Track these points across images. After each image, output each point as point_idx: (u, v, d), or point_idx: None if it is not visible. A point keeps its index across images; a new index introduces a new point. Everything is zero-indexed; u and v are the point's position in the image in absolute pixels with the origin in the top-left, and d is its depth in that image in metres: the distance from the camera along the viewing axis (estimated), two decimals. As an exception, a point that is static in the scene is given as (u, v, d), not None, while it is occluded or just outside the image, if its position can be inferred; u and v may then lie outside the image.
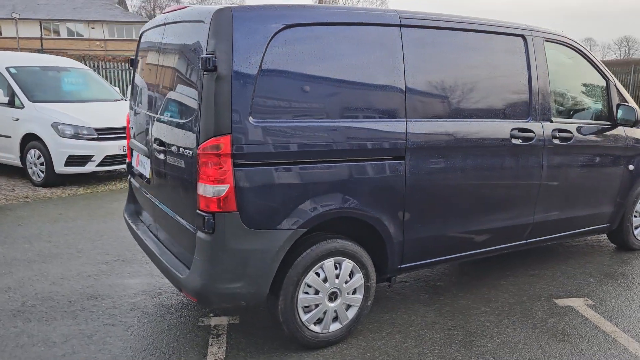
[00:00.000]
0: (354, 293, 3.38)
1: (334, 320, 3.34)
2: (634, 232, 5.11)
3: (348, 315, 3.39)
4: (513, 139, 3.83)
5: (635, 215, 5.06)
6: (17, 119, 7.76)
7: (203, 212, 2.86)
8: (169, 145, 3.25)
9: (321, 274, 3.22)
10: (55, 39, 45.74)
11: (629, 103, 4.59)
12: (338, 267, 3.27)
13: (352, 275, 3.34)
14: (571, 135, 4.19)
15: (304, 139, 2.99)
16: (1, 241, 5.32)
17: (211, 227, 2.84)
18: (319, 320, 3.28)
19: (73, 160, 7.46)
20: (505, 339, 3.52)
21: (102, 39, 47.72)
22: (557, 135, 4.09)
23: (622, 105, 4.51)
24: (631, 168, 4.75)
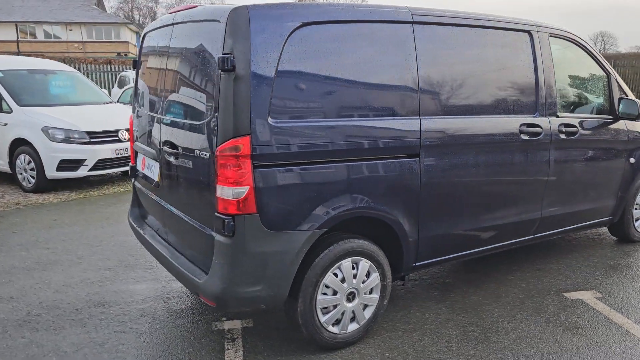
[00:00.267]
0: (370, 293, 3.35)
1: (352, 320, 3.32)
2: (635, 225, 5.18)
3: (365, 315, 3.36)
4: (522, 135, 3.84)
5: (636, 208, 5.12)
6: (6, 124, 7.58)
7: (222, 215, 2.81)
8: (181, 148, 3.19)
9: (339, 275, 3.19)
10: (32, 42, 44.93)
11: (630, 97, 4.64)
12: (355, 267, 3.24)
13: (369, 275, 3.32)
14: (576, 130, 4.22)
15: (322, 139, 2.95)
16: (-3, 249, 5.19)
17: (231, 230, 2.79)
18: (337, 321, 3.25)
19: (65, 164, 7.31)
20: (521, 334, 3.53)
21: (81, 41, 46.97)
22: (564, 130, 4.11)
23: (624, 99, 4.56)
24: (632, 161, 4.80)
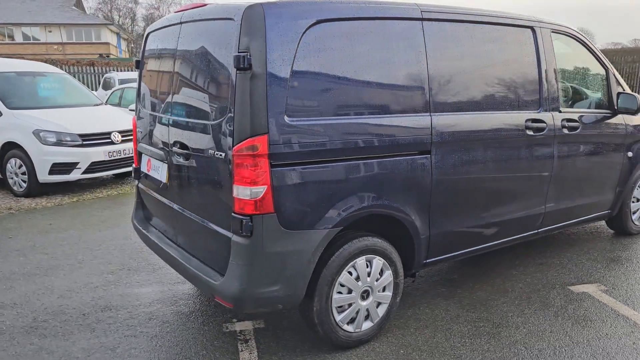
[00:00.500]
0: (383, 290, 3.36)
1: (366, 318, 3.32)
2: (632, 218, 5.26)
3: (379, 313, 3.37)
4: (527, 130, 3.87)
5: (633, 201, 5.20)
6: (-5, 127, 7.44)
7: (240, 215, 2.79)
8: (192, 148, 3.15)
9: (353, 273, 3.18)
10: (10, 44, 44.14)
11: (629, 91, 4.71)
12: (369, 265, 3.24)
13: (382, 272, 3.32)
14: (578, 125, 4.27)
15: (337, 137, 2.94)
16: (-6, 255, 5.09)
17: (249, 230, 2.77)
18: (351, 320, 3.25)
19: (57, 168, 7.19)
20: (531, 328, 3.56)
21: (60, 43, 46.26)
22: (566, 125, 4.16)
23: (623, 94, 4.63)
24: (630, 155, 4.88)
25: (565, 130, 4.15)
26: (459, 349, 3.31)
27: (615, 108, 4.66)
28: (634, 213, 5.27)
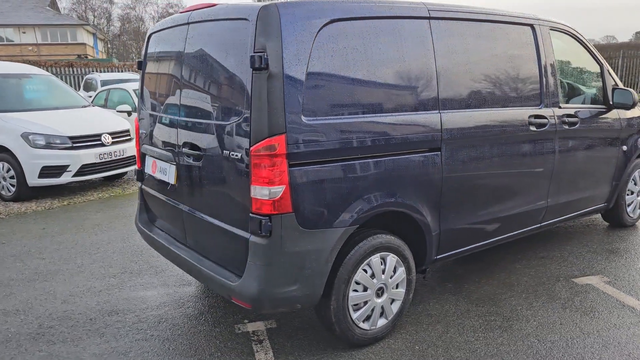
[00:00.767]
0: (397, 287, 3.37)
1: (380, 315, 3.33)
2: (627, 210, 5.36)
3: (393, 310, 3.38)
4: (530, 126, 3.92)
5: (628, 194, 5.31)
6: (-20, 131, 7.27)
7: (258, 215, 2.77)
8: (205, 149, 3.12)
9: (368, 271, 3.19)
10: (-17, 46, 43.23)
11: (623, 87, 4.80)
12: (383, 263, 3.25)
13: (396, 269, 3.33)
14: (577, 120, 4.34)
15: (353, 135, 2.94)
16: (-11, 262, 4.98)
17: (268, 230, 2.75)
18: (367, 318, 3.26)
19: (47, 171, 7.05)
20: (542, 320, 3.61)
21: (35, 44, 45.36)
22: (566, 121, 4.22)
23: (618, 89, 4.71)
24: (624, 149, 4.97)
25: (565, 126, 4.21)
26: (473, 343, 3.34)
27: (611, 103, 4.75)
28: (629, 205, 5.38)
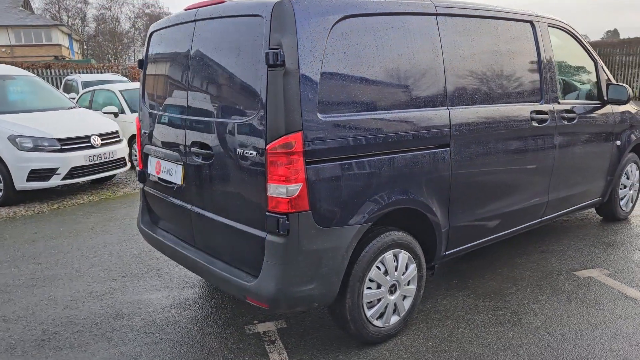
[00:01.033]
0: (408, 284, 3.38)
1: (393, 312, 3.33)
2: (620, 204, 5.46)
3: (405, 306, 3.39)
4: (532, 121, 3.97)
5: (621, 188, 5.41)
6: (-35, 135, 7.08)
7: (275, 214, 2.74)
8: (216, 148, 3.08)
9: (382, 268, 3.19)
10: (-46, 48, 42.17)
11: (617, 83, 4.88)
12: (396, 260, 3.25)
13: (407, 266, 3.34)
14: (575, 115, 4.40)
15: (367, 132, 2.94)
16: (-18, 268, 4.85)
17: (286, 229, 2.73)
18: (380, 315, 3.26)
19: (36, 174, 6.90)
20: (549, 313, 3.65)
21: (8, 45, 44.37)
22: (565, 116, 4.28)
23: (612, 85, 4.80)
24: (618, 144, 5.06)
25: (564, 121, 4.27)
26: (485, 337, 3.37)
27: (605, 99, 4.83)
28: (622, 199, 5.48)
